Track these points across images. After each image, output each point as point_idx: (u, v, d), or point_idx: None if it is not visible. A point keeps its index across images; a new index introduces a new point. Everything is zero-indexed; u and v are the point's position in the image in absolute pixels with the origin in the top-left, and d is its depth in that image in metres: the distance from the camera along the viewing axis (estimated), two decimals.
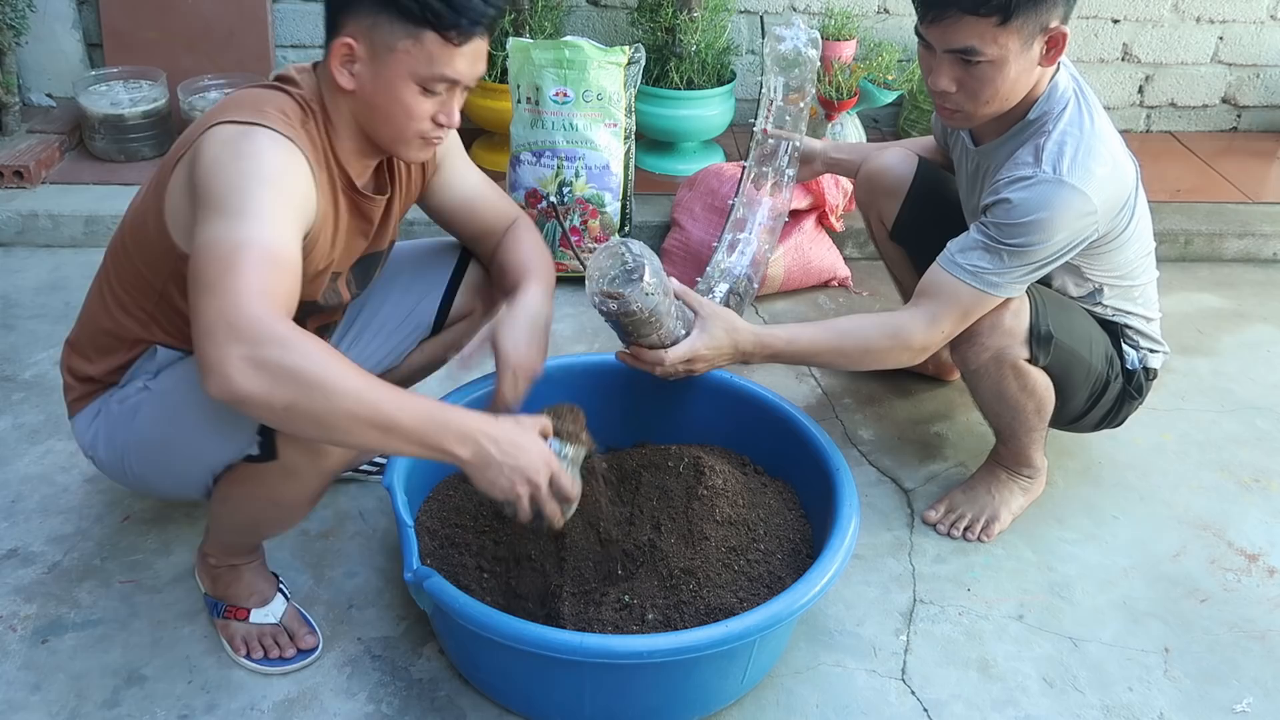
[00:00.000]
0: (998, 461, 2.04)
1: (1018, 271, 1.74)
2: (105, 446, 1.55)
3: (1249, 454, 2.28)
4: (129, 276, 1.51)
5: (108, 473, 1.59)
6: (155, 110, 3.11)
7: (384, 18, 1.37)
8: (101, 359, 1.56)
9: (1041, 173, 1.70)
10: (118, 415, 1.53)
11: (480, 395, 1.90)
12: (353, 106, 1.46)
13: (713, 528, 1.67)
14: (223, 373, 1.20)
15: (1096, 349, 1.91)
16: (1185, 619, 1.85)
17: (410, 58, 1.39)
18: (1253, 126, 3.83)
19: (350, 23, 1.40)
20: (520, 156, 2.73)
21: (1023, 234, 1.70)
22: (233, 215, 1.29)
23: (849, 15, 3.25)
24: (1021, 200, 1.70)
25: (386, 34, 1.38)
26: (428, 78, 1.41)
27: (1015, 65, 1.67)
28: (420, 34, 1.37)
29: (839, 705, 1.65)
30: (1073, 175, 1.69)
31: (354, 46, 1.40)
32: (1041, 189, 1.69)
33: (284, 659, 1.66)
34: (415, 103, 1.43)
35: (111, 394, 1.55)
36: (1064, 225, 1.70)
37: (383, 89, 1.42)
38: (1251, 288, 3.00)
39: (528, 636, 1.42)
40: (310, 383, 1.22)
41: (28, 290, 2.66)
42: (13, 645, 1.68)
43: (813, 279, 2.82)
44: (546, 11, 3.15)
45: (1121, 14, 3.57)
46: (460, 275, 1.84)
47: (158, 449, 1.49)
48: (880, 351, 1.82)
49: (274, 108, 1.40)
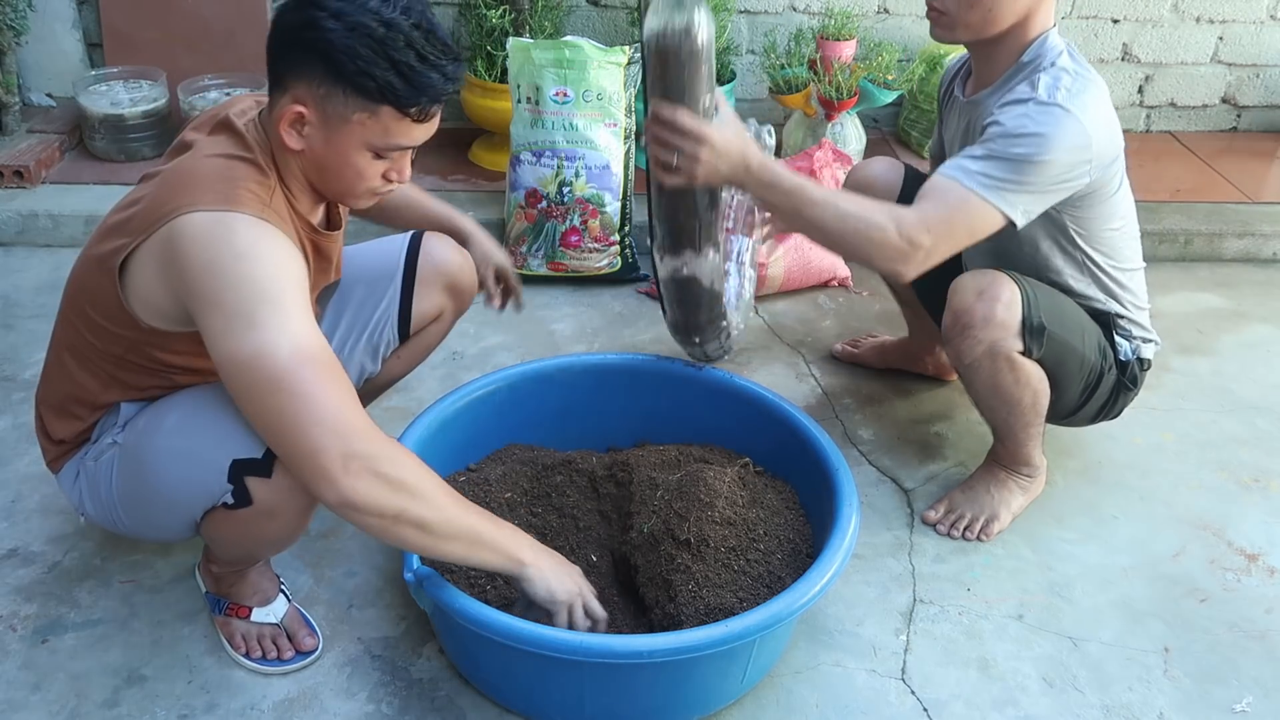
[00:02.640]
0: (997, 461, 2.04)
1: (1010, 185, 1.69)
2: (91, 504, 1.56)
3: (1249, 454, 2.29)
4: (86, 339, 1.48)
5: (103, 526, 1.60)
6: (155, 110, 3.11)
7: (337, 89, 1.31)
8: (67, 423, 1.56)
9: (1038, 97, 1.71)
10: (94, 473, 1.53)
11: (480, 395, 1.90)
12: (300, 163, 1.42)
13: (713, 528, 1.67)
14: (340, 480, 1.27)
15: (1089, 340, 1.91)
16: (1185, 619, 1.85)
17: (365, 129, 1.34)
18: (1253, 126, 3.83)
19: (299, 86, 1.33)
20: (520, 156, 2.73)
21: (1020, 146, 1.68)
22: (267, 323, 1.26)
23: (849, 15, 3.25)
24: (1019, 117, 1.70)
25: (340, 105, 1.32)
26: (382, 147, 1.37)
27: None
28: (377, 109, 1.32)
29: (839, 705, 1.65)
30: (1070, 103, 1.69)
31: (305, 114, 1.34)
32: (1038, 110, 1.70)
33: (283, 660, 1.66)
34: (367, 166, 1.39)
35: (86, 452, 1.56)
36: (1060, 147, 1.68)
37: (334, 154, 1.37)
38: (1251, 288, 3.00)
39: (528, 636, 1.42)
40: (421, 493, 1.33)
41: (28, 290, 2.66)
42: (13, 645, 1.68)
43: (813, 279, 2.82)
44: (546, 11, 3.15)
45: (1121, 14, 3.57)
46: (412, 274, 1.80)
47: (139, 503, 1.50)
48: (869, 231, 1.66)
49: (243, 188, 1.33)
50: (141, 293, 1.38)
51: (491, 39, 3.07)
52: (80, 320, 1.48)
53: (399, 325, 1.81)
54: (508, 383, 1.96)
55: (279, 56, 1.35)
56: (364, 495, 1.28)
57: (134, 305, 1.39)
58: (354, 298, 1.80)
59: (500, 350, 2.48)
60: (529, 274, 2.77)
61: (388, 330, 1.81)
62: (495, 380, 1.95)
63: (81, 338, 1.49)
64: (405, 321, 1.82)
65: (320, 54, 1.30)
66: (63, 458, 1.59)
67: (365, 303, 1.80)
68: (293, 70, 1.33)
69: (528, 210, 2.73)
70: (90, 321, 1.46)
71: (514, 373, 1.98)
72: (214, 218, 1.29)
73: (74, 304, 1.50)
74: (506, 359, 2.43)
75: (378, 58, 1.29)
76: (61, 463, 1.59)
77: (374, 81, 1.30)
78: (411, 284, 1.80)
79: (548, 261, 2.75)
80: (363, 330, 1.80)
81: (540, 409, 1.98)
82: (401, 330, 1.82)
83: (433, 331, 1.89)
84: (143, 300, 1.38)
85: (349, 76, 1.30)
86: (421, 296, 1.81)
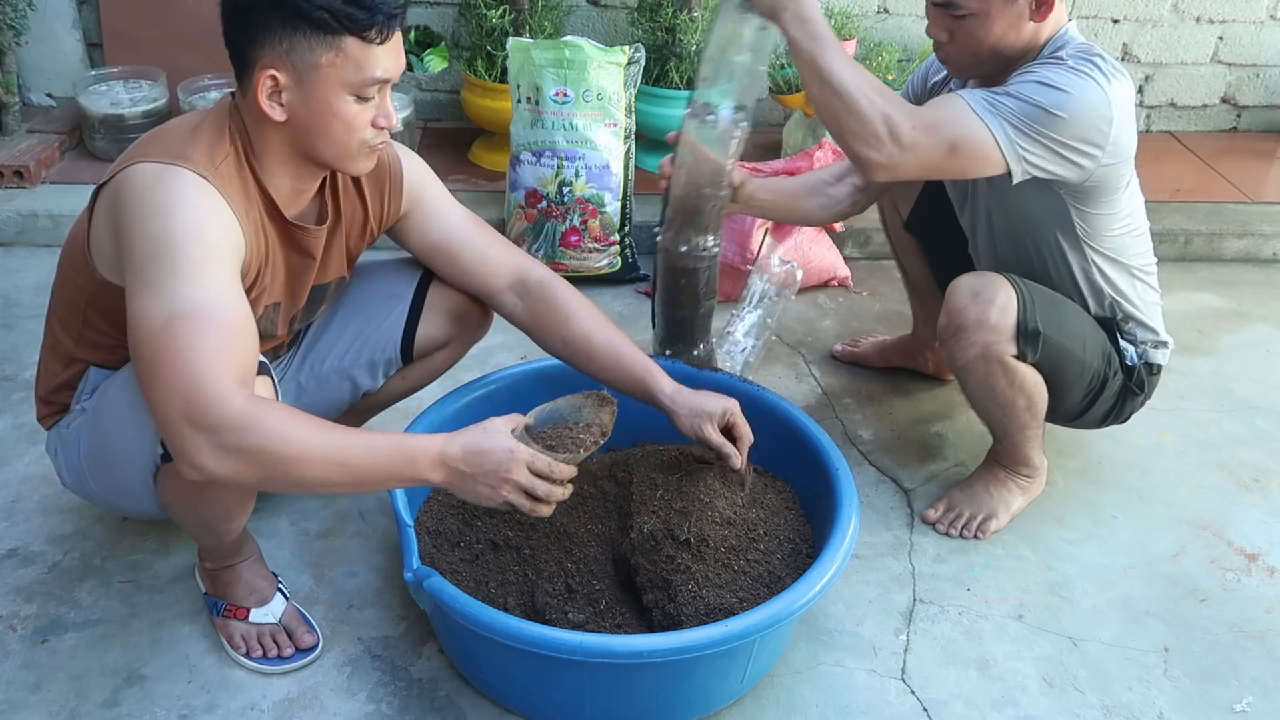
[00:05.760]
0: (996, 461, 2.04)
1: (1019, 125, 1.66)
2: (67, 470, 1.59)
3: (1249, 454, 2.29)
4: (62, 295, 1.54)
5: (81, 496, 1.64)
6: (155, 110, 3.11)
7: (299, 37, 1.33)
8: (47, 378, 1.60)
9: (1069, 64, 1.69)
10: (67, 440, 1.57)
11: (479, 396, 1.90)
12: (287, 135, 1.42)
13: (713, 528, 1.67)
14: (192, 462, 1.26)
15: (1091, 346, 1.90)
16: (1185, 619, 1.85)
17: (337, 70, 1.36)
18: (1253, 126, 3.83)
19: (264, 54, 1.35)
20: (520, 156, 2.73)
21: (1043, 95, 1.66)
22: (159, 285, 1.28)
23: (849, 15, 3.25)
24: (1050, 70, 1.69)
25: (306, 53, 1.34)
26: (359, 84, 1.38)
27: (1001, 20, 1.68)
28: (340, 42, 1.34)
29: (839, 705, 1.65)
30: (1100, 77, 1.68)
31: (278, 77, 1.36)
32: (1071, 72, 1.68)
33: (283, 658, 1.66)
34: (353, 113, 1.40)
35: (62, 422, 1.59)
36: (1082, 108, 1.67)
37: (317, 109, 1.38)
38: (1251, 288, 3.00)
39: (528, 636, 1.42)
40: (277, 458, 1.27)
41: (28, 290, 2.66)
42: (13, 645, 1.68)
43: (813, 279, 2.82)
44: (546, 11, 3.15)
45: (1121, 14, 3.57)
46: (422, 298, 1.79)
47: (101, 467, 1.51)
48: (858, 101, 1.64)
49: (195, 147, 1.37)
50: (97, 242, 1.42)
51: (491, 39, 3.08)
52: (61, 277, 1.54)
53: (402, 346, 1.81)
54: (508, 383, 1.95)
55: (237, 36, 1.38)
56: (217, 470, 1.25)
57: (93, 256, 1.43)
58: (362, 311, 1.80)
59: (500, 350, 2.48)
60: None
61: (390, 349, 1.80)
62: (495, 380, 1.95)
63: (61, 294, 1.54)
64: (409, 342, 1.81)
65: (273, 7, 1.33)
66: (49, 419, 1.62)
67: (372, 318, 1.80)
68: (253, 40, 1.36)
69: (528, 210, 2.73)
70: (65, 276, 1.52)
71: (514, 373, 1.98)
72: (155, 169, 1.33)
73: (61, 256, 1.55)
74: (506, 359, 2.43)
75: None
76: (49, 422, 1.62)
77: (328, 13, 1.32)
78: (419, 308, 1.79)
79: (548, 261, 2.75)
80: (365, 344, 1.80)
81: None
82: (405, 351, 1.81)
83: (440, 358, 1.87)
84: (99, 250, 1.42)
85: (306, 17, 1.32)
86: (428, 321, 1.80)
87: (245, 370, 1.30)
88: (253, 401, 1.27)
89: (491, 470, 1.38)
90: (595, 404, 1.56)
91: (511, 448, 1.39)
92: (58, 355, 1.57)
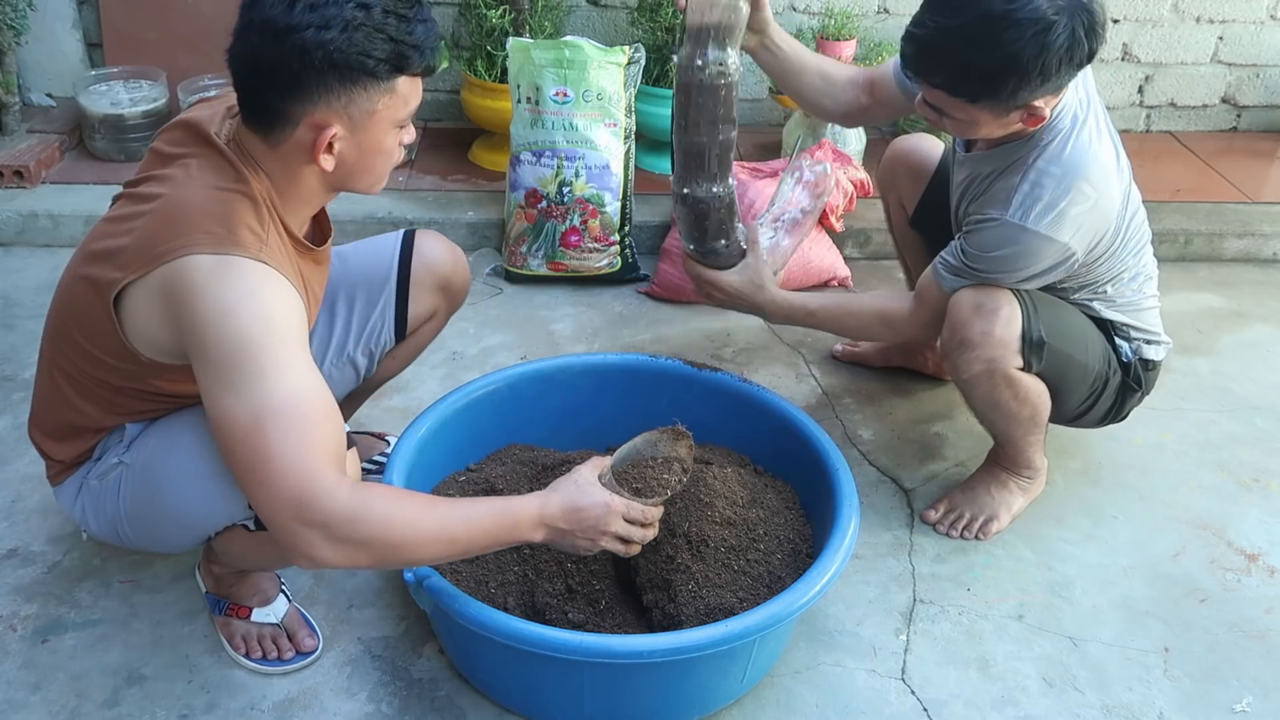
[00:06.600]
0: (997, 462, 2.04)
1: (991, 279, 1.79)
2: (95, 520, 1.54)
3: (1249, 454, 2.29)
4: (81, 367, 1.45)
5: (106, 541, 1.59)
6: (155, 110, 3.11)
7: (358, 90, 1.31)
8: (67, 445, 1.54)
9: (1009, 218, 1.72)
10: (99, 491, 1.52)
11: (477, 397, 1.90)
12: (327, 179, 1.41)
13: (713, 528, 1.67)
14: (308, 556, 1.28)
15: (1093, 348, 1.90)
16: (1185, 619, 1.85)
17: (390, 110, 1.36)
18: (1253, 126, 3.83)
19: (316, 111, 1.32)
20: (520, 156, 2.73)
21: (992, 265, 1.77)
22: (240, 386, 1.26)
23: (849, 15, 3.25)
24: (990, 239, 1.75)
25: (364, 102, 1.33)
26: (405, 117, 1.39)
27: (989, 127, 1.71)
28: (393, 85, 1.34)
29: (839, 705, 1.65)
30: (1041, 223, 1.70)
31: (337, 133, 1.33)
32: (1007, 232, 1.73)
33: (283, 660, 1.66)
34: (394, 144, 1.41)
35: (88, 470, 1.54)
36: (1034, 263, 1.75)
37: (368, 150, 1.38)
38: (1251, 288, 3.00)
39: (527, 636, 1.42)
40: (388, 545, 1.31)
41: (28, 290, 2.66)
42: (13, 645, 1.68)
43: (813, 279, 2.82)
44: (546, 11, 3.15)
45: (1121, 14, 3.57)
46: (406, 276, 1.80)
47: (149, 522, 1.49)
48: (874, 334, 2.18)
49: (240, 227, 1.31)
50: (140, 330, 1.35)
51: (491, 39, 3.07)
52: (72, 349, 1.45)
53: (395, 327, 1.81)
54: (508, 383, 1.96)
55: (279, 95, 1.32)
56: (333, 559, 1.28)
57: (133, 341, 1.37)
58: (349, 302, 1.79)
59: (500, 350, 2.48)
60: (529, 274, 2.77)
61: (384, 333, 1.81)
62: (495, 380, 1.95)
63: (76, 366, 1.46)
64: (401, 324, 1.82)
65: (330, 68, 1.29)
66: (63, 474, 1.57)
67: (361, 308, 1.80)
68: (302, 99, 1.31)
69: (528, 210, 2.73)
70: (84, 351, 1.43)
71: (514, 373, 1.98)
72: (211, 262, 1.28)
73: (63, 327, 1.46)
74: (506, 359, 2.43)
75: (375, 38, 1.30)
76: (62, 479, 1.57)
77: (383, 62, 1.31)
78: (406, 287, 1.80)
79: (548, 261, 2.75)
80: (359, 335, 1.80)
81: (540, 409, 1.98)
82: (398, 332, 1.82)
83: (426, 331, 1.89)
84: (142, 337, 1.36)
85: (364, 70, 1.30)
86: (416, 298, 1.81)
87: (340, 455, 1.31)
88: (358, 491, 1.29)
89: (591, 525, 1.43)
90: (670, 439, 1.62)
91: (607, 501, 1.44)
92: (83, 428, 1.51)
